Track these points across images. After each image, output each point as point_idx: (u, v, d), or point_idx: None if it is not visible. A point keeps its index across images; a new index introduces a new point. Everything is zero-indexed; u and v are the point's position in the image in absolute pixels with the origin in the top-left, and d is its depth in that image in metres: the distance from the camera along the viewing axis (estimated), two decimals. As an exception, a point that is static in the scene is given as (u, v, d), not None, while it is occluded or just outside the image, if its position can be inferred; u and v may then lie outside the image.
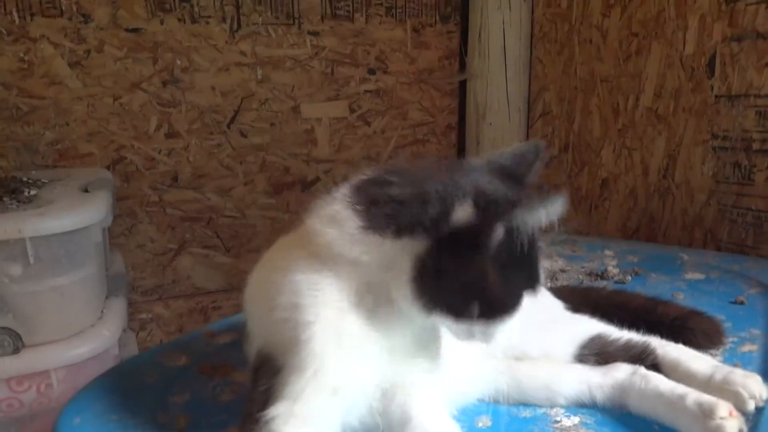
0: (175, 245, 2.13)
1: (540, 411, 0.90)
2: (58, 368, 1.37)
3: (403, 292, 0.72)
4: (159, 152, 2.07)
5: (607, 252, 1.63)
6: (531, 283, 0.75)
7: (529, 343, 0.95)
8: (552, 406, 0.91)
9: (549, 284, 1.41)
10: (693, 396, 0.81)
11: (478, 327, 0.73)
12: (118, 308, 1.57)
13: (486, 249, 0.69)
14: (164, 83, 2.04)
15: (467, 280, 0.70)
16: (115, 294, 1.63)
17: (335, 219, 0.74)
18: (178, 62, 2.04)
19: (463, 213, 0.70)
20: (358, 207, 0.74)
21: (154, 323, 2.15)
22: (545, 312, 1.01)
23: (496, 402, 0.93)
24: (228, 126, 2.14)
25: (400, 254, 0.72)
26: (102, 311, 1.52)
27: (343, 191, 0.77)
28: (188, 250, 2.16)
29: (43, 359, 1.36)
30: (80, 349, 1.39)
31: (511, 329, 0.76)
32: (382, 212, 0.72)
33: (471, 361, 0.93)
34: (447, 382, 0.85)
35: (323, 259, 0.74)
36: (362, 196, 0.75)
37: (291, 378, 0.71)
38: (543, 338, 0.96)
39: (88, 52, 1.94)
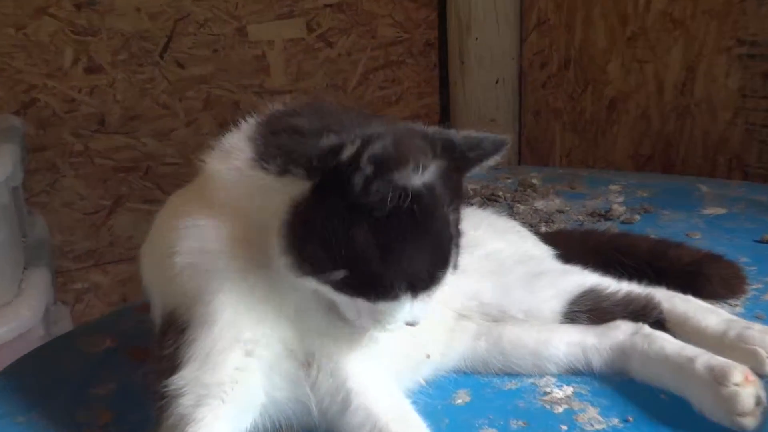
0: (108, 201, 2.09)
1: (527, 381, 0.90)
2: (-28, 354, 1.36)
3: (276, 242, 0.70)
4: (79, 91, 1.99)
5: (613, 187, 1.61)
6: (430, 268, 0.71)
7: (508, 301, 0.93)
8: (541, 375, 0.91)
9: (543, 228, 1.40)
10: (703, 359, 0.80)
11: (363, 305, 0.71)
12: (40, 281, 1.55)
13: (354, 197, 0.66)
14: (78, 6, 1.94)
15: (335, 235, 0.67)
16: (35, 264, 1.61)
17: (229, 152, 0.75)
18: (93, -21, 1.95)
19: (340, 151, 0.68)
20: (256, 137, 0.74)
21: (91, 293, 2.13)
22: (528, 263, 0.99)
23: (476, 373, 0.92)
24: (161, 55, 2.06)
25: (279, 196, 0.71)
26: (19, 286, 1.50)
27: (251, 122, 0.77)
28: (125, 206, 2.11)
29: (-49, 345, 1.34)
30: (-6, 332, 1.37)
31: (414, 316, 0.72)
32: (277, 142, 0.73)
33: (440, 325, 0.91)
34: (402, 351, 0.83)
35: (217, 206, 0.75)
36: (266, 126, 0.76)
37: (199, 332, 0.70)
38: (525, 295, 0.94)
39: (-21, -29, 1.84)
